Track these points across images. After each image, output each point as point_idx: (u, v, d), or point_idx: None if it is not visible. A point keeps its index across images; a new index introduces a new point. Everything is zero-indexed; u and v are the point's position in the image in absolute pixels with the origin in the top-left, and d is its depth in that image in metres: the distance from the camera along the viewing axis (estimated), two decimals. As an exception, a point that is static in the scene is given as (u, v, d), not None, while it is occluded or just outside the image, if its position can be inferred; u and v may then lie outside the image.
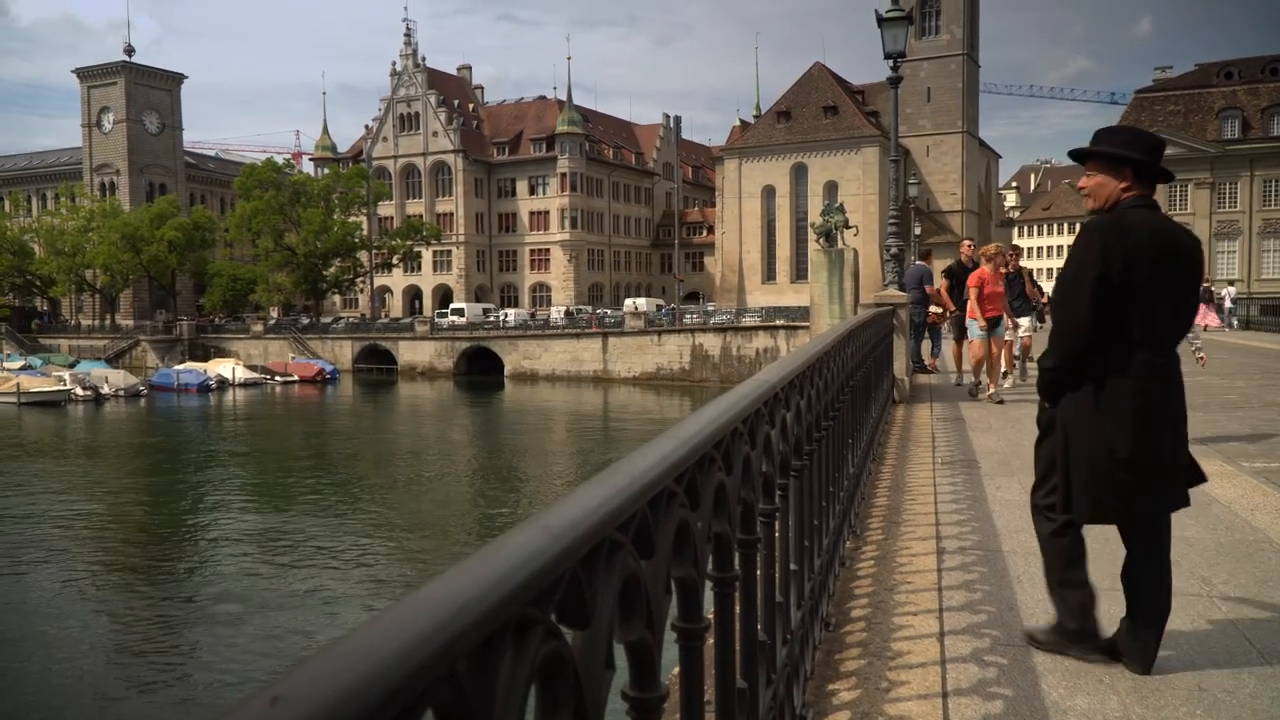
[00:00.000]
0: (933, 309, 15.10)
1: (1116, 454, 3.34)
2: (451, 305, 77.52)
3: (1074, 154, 3.67)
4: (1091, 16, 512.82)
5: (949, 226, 78.71)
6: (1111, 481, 3.36)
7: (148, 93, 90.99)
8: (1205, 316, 33.35)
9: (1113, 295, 3.36)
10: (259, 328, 72.32)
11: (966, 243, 14.88)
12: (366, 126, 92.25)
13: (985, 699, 3.23)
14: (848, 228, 14.53)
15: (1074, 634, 3.53)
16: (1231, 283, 50.70)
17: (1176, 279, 3.45)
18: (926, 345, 16.40)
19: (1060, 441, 3.51)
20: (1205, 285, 38.47)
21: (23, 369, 57.95)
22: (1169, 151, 58.63)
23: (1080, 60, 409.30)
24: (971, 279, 12.16)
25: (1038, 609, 4.08)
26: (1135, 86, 69.33)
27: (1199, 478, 3.56)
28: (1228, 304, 34.27)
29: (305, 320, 75.29)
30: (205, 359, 66.64)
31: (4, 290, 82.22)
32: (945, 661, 3.53)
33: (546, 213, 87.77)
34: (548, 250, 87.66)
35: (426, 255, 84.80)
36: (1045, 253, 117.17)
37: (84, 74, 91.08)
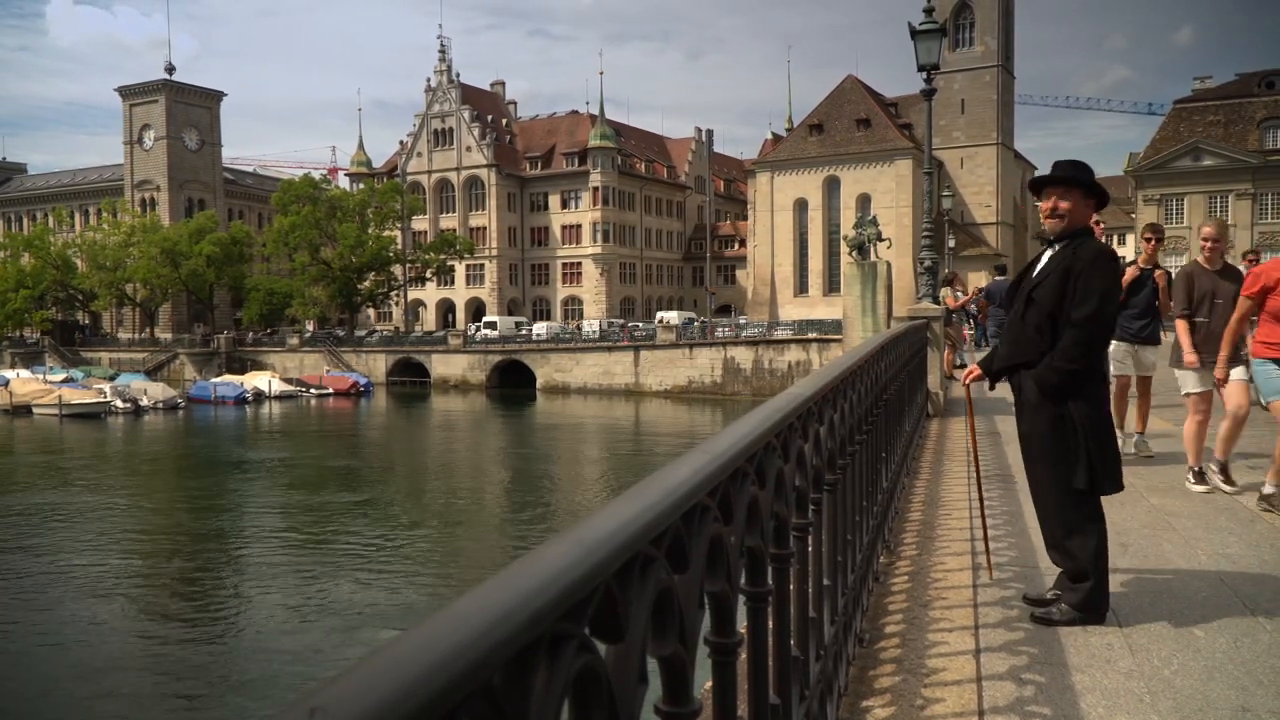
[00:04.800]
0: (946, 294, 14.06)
1: (1111, 441, 4.11)
2: (484, 318, 78.01)
3: (1048, 180, 4.17)
4: (1130, 26, 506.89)
5: (983, 239, 78.12)
6: (1117, 458, 4.15)
7: (188, 110, 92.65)
8: None
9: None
10: (295, 341, 73.05)
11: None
12: (401, 142, 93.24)
13: (1023, 718, 3.18)
14: (881, 240, 14.40)
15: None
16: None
17: None
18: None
19: (1084, 433, 4.02)
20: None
21: (65, 381, 59.02)
22: (1208, 162, 57.42)
23: (1119, 70, 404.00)
24: (1249, 281, 6.31)
25: (1075, 627, 4.02)
26: (1174, 96, 68.50)
27: None
28: None
29: (340, 333, 76.04)
30: (242, 372, 67.46)
31: (47, 304, 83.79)
32: (981, 679, 3.49)
33: (579, 226, 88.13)
34: (580, 264, 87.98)
35: (460, 269, 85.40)
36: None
37: (126, 92, 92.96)
